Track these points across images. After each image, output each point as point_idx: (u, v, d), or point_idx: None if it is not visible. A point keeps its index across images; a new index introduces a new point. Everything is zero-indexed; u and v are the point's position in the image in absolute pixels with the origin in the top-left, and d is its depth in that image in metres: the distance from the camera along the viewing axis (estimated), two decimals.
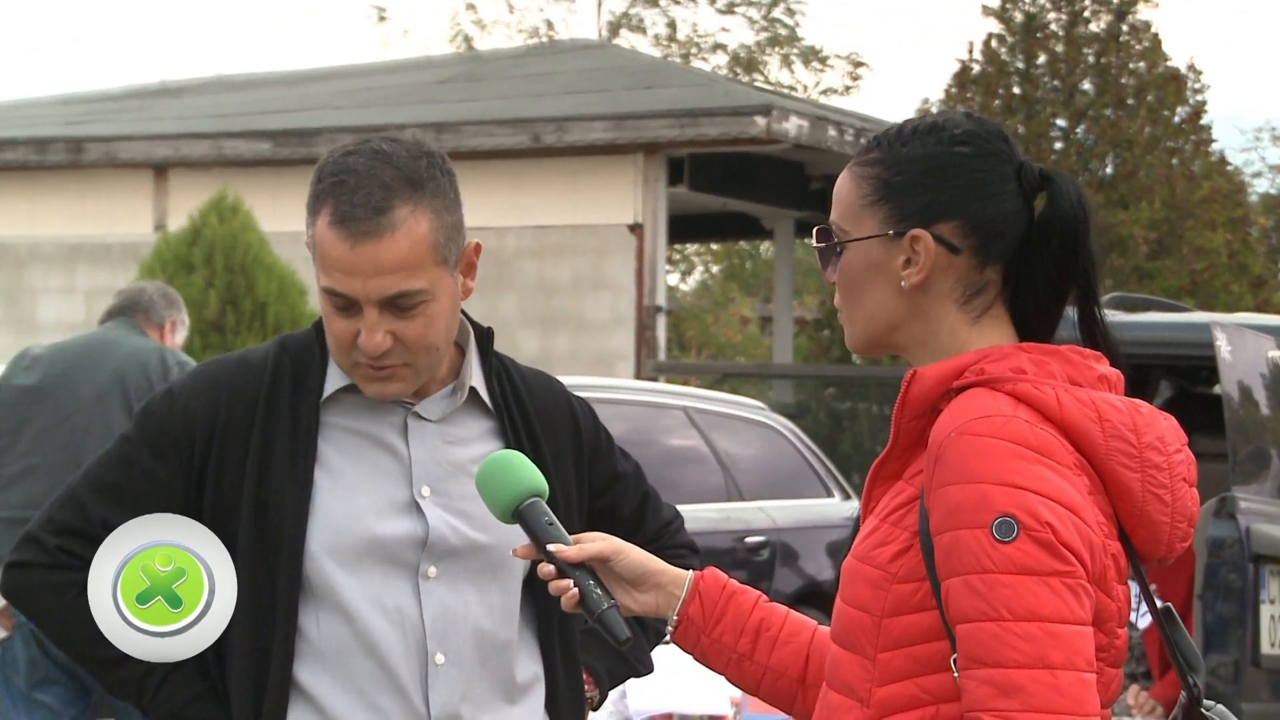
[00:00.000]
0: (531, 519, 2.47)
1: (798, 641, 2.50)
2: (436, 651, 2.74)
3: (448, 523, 2.77)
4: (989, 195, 2.28)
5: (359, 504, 2.74)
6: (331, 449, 2.76)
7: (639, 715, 4.84)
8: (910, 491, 2.25)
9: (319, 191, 2.70)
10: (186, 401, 2.76)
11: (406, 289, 2.66)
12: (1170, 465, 2.23)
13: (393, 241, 2.65)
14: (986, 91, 22.86)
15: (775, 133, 17.59)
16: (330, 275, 2.68)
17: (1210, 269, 21.95)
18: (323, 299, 2.72)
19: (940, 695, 2.18)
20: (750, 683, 2.52)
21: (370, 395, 2.74)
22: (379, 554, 2.73)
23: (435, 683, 2.73)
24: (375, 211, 2.65)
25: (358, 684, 2.71)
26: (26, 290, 20.57)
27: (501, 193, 18.64)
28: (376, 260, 2.64)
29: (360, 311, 2.67)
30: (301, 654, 2.72)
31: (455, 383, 2.82)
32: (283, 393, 2.76)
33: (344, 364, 2.74)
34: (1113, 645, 2.22)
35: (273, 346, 2.82)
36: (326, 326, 2.74)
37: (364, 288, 2.65)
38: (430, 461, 2.78)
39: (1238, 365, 6.53)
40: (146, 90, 24.68)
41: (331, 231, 2.67)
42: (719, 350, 31.78)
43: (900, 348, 2.34)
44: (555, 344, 18.44)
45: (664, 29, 36.52)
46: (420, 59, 26.59)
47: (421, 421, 2.79)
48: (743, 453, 10.16)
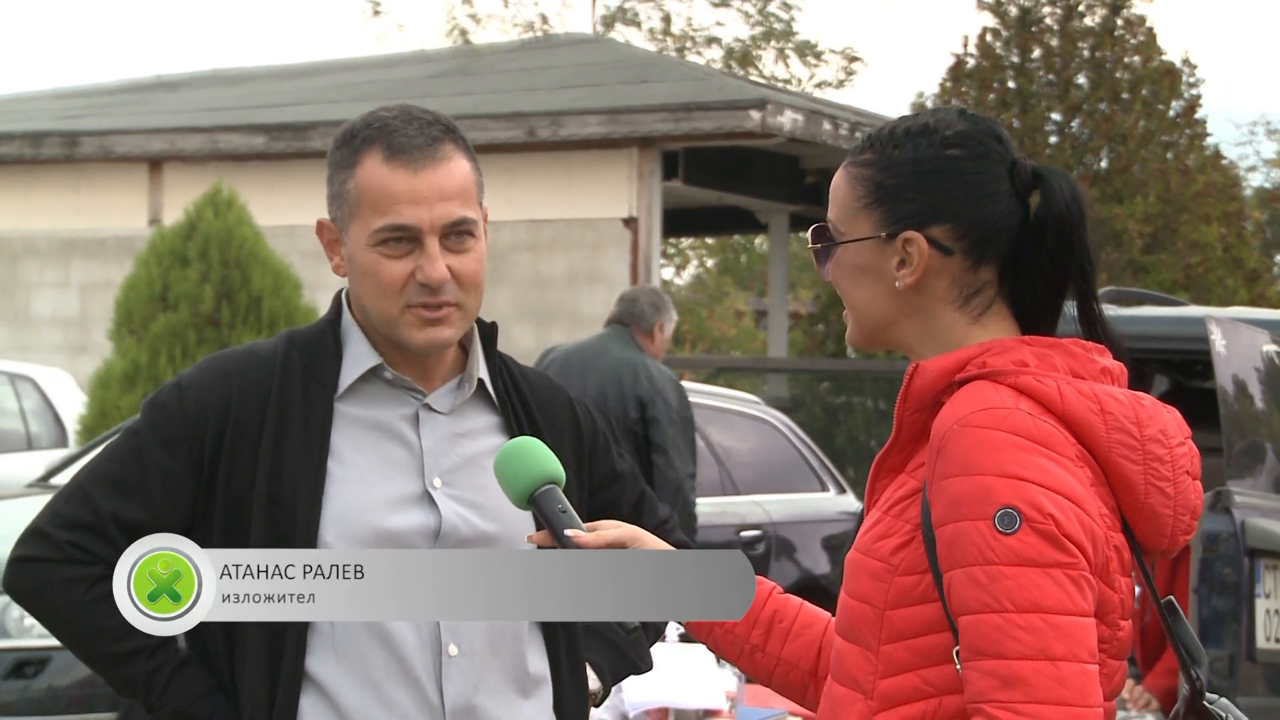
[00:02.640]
0: (546, 505, 2.49)
1: (810, 634, 2.51)
2: (450, 643, 2.74)
3: (459, 514, 2.77)
4: (982, 197, 2.29)
5: (372, 495, 2.74)
6: (344, 440, 2.76)
7: (634, 709, 4.84)
8: (912, 484, 2.26)
9: (361, 141, 2.75)
10: (197, 394, 2.76)
11: (466, 215, 2.74)
12: (1173, 458, 2.23)
13: (450, 168, 2.74)
14: (981, 86, 22.87)
15: (770, 127, 17.58)
16: (392, 211, 2.71)
17: (1205, 263, 21.97)
18: (370, 251, 2.73)
19: (943, 687, 2.19)
20: (762, 674, 2.54)
21: (421, 344, 2.75)
22: (391, 544, 2.73)
23: (449, 674, 2.73)
24: (431, 141, 2.74)
25: (371, 676, 2.71)
26: (21, 284, 20.55)
27: (496, 187, 18.56)
28: (440, 186, 2.72)
29: (418, 247, 2.71)
30: (314, 646, 2.71)
31: (462, 375, 2.84)
32: (293, 385, 2.76)
33: (392, 312, 2.74)
34: (1115, 637, 2.22)
35: (280, 340, 2.83)
36: (374, 279, 2.74)
37: (430, 215, 2.71)
38: (441, 453, 2.80)
39: (1232, 360, 6.53)
40: (141, 84, 24.66)
41: (388, 167, 2.72)
42: (714, 344, 31.78)
43: (899, 344, 2.35)
44: (550, 338, 18.43)
45: (658, 23, 36.52)
46: (415, 53, 26.56)
47: (433, 413, 2.81)
48: (738, 447, 10.17)
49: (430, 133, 2.75)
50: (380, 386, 2.81)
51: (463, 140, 2.79)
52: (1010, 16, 23.22)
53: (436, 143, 2.74)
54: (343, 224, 2.78)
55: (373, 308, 2.77)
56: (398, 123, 2.75)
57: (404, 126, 2.75)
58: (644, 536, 2.49)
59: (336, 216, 2.80)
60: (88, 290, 20.11)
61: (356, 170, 2.75)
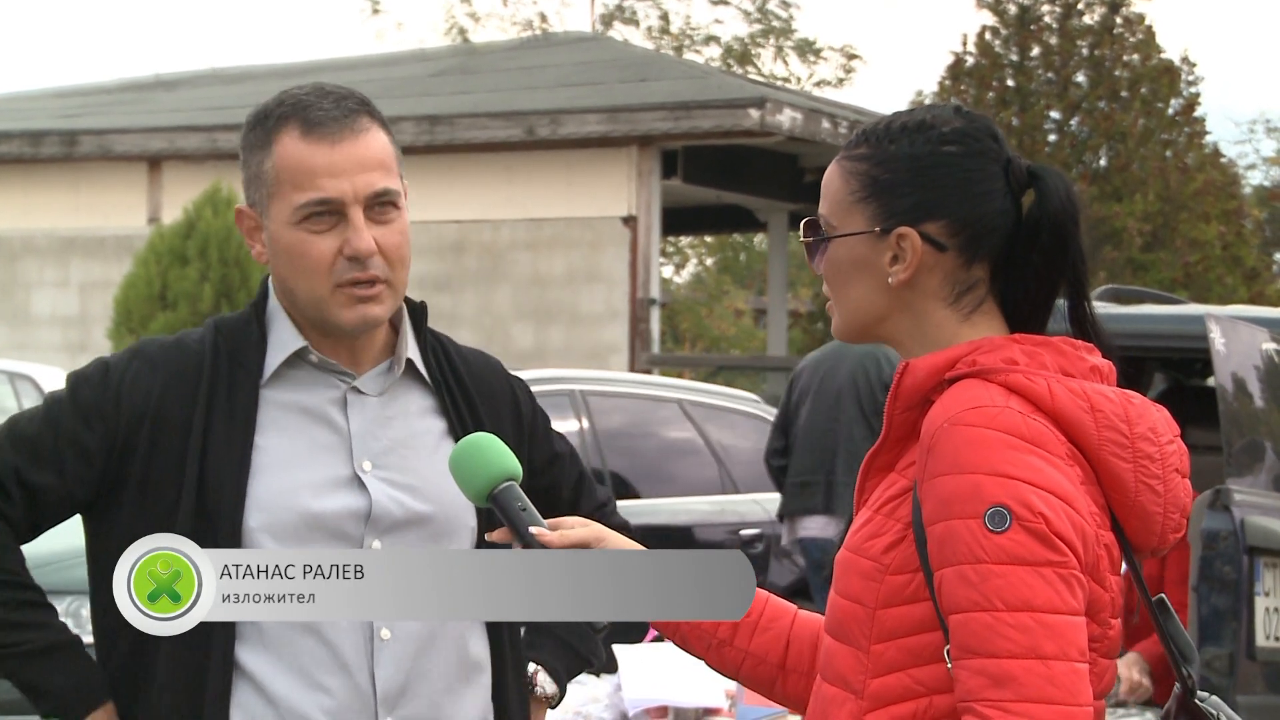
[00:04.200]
0: (506, 503, 2.46)
1: (778, 627, 2.50)
2: (382, 627, 2.70)
3: (391, 496, 2.73)
4: (977, 195, 2.29)
5: (298, 479, 2.70)
6: (271, 426, 2.73)
7: (634, 708, 4.84)
8: (903, 483, 2.25)
9: (275, 120, 2.72)
10: (120, 378, 2.73)
11: (388, 186, 2.71)
12: (1163, 456, 2.23)
13: (369, 139, 2.72)
14: (980, 84, 22.87)
15: (769, 125, 17.60)
16: (313, 185, 2.68)
17: (1204, 261, 21.97)
18: (293, 230, 2.69)
19: (933, 687, 2.18)
20: (730, 668, 2.53)
21: (352, 322, 2.71)
22: (320, 530, 2.69)
23: (381, 659, 2.69)
24: (347, 113, 2.72)
25: (300, 663, 2.67)
26: (20, 283, 20.56)
27: (495, 186, 18.64)
28: (360, 156, 2.69)
29: (342, 220, 2.68)
30: (243, 634, 2.67)
31: (392, 358, 2.81)
32: (221, 373, 2.73)
33: (321, 292, 2.70)
34: (1106, 636, 2.22)
35: (208, 328, 2.80)
36: (299, 259, 2.70)
37: (352, 186, 2.67)
38: (370, 436, 2.76)
39: (1232, 358, 6.53)
40: (141, 83, 24.68)
41: (306, 141, 2.69)
42: (713, 343, 31.78)
43: (888, 338, 2.35)
44: (549, 337, 18.44)
45: (657, 21, 36.53)
46: (414, 52, 26.58)
47: (361, 396, 2.77)
48: (737, 445, 10.16)
49: (346, 105, 2.72)
50: (307, 371, 2.77)
51: (379, 114, 2.76)
52: (1009, 15, 23.22)
53: (353, 115, 2.72)
54: (262, 206, 2.74)
55: (300, 289, 2.73)
56: (312, 98, 2.73)
57: (319, 101, 2.72)
58: (610, 536, 2.47)
59: (255, 200, 2.75)
60: (87, 289, 20.12)
61: (273, 148, 2.71)
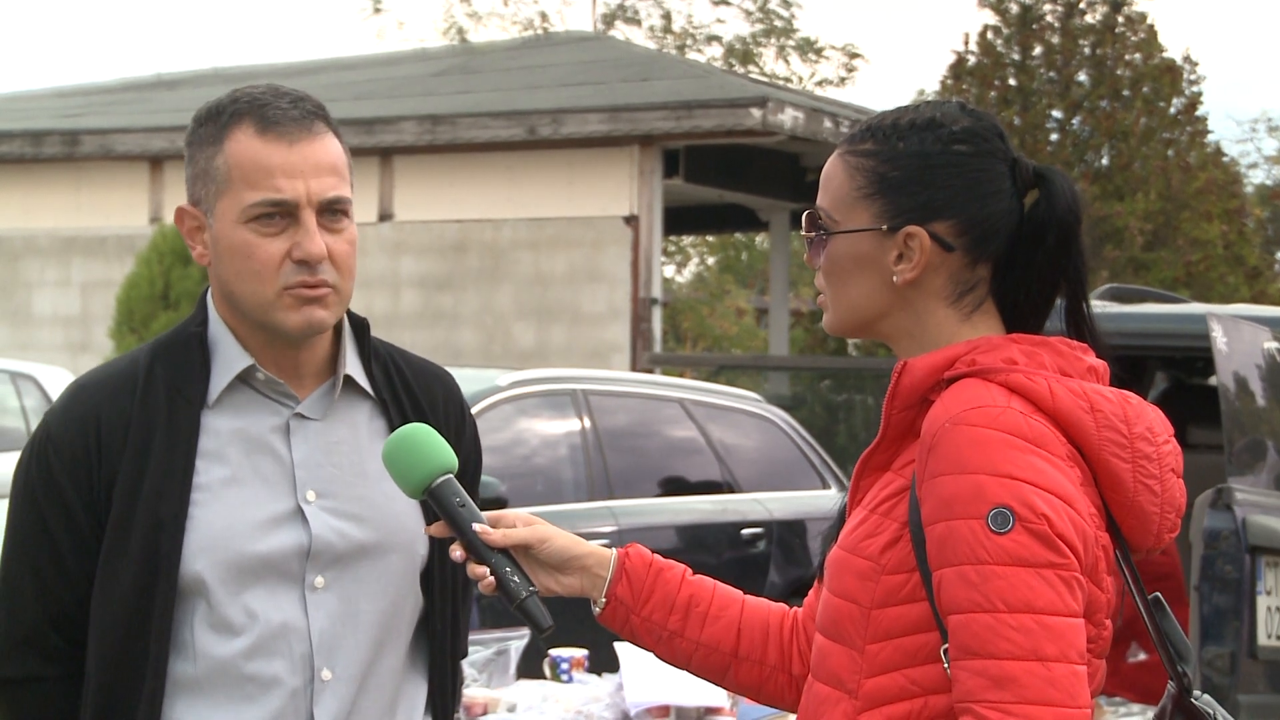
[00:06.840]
0: (444, 498, 2.40)
1: (728, 616, 2.50)
2: (323, 667, 2.61)
3: (333, 528, 2.63)
4: (985, 195, 2.28)
5: (241, 517, 2.60)
6: (212, 458, 2.61)
7: (635, 708, 4.84)
8: (900, 482, 2.25)
9: (229, 117, 2.63)
10: (61, 433, 2.62)
11: (342, 194, 2.61)
12: (1160, 456, 2.23)
13: (325, 143, 2.62)
14: (982, 83, 22.88)
15: (771, 124, 17.59)
16: (267, 184, 2.57)
17: (1206, 260, 21.98)
18: (242, 230, 2.59)
19: (929, 687, 2.18)
20: (681, 659, 2.52)
21: (298, 326, 2.60)
22: (262, 568, 2.59)
23: (321, 699, 2.61)
24: (305, 115, 2.62)
25: (237, 705, 2.59)
26: (22, 283, 20.56)
27: (497, 185, 18.63)
28: (316, 159, 2.59)
29: (293, 224, 2.58)
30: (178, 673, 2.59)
31: (333, 377, 2.70)
32: (157, 402, 2.62)
33: (267, 295, 2.58)
34: (1100, 636, 2.22)
35: (143, 353, 2.69)
36: (246, 260, 2.59)
37: (307, 189, 2.57)
38: (315, 464, 2.65)
39: (1233, 356, 6.53)
40: (142, 83, 24.67)
41: (262, 140, 2.59)
42: (715, 342, 31.78)
43: (883, 336, 2.34)
44: (551, 336, 18.44)
45: (659, 21, 36.51)
46: (415, 51, 26.57)
47: (305, 421, 2.66)
48: (739, 445, 10.16)
49: (303, 107, 2.63)
50: (250, 395, 2.66)
51: (332, 120, 2.67)
52: (1011, 14, 23.23)
53: (310, 117, 2.62)
54: (208, 204, 2.62)
55: (245, 293, 2.61)
56: (268, 97, 2.63)
57: (275, 100, 2.62)
58: (552, 535, 2.45)
59: (200, 197, 2.64)
60: (89, 289, 20.11)
61: (226, 145, 2.60)
